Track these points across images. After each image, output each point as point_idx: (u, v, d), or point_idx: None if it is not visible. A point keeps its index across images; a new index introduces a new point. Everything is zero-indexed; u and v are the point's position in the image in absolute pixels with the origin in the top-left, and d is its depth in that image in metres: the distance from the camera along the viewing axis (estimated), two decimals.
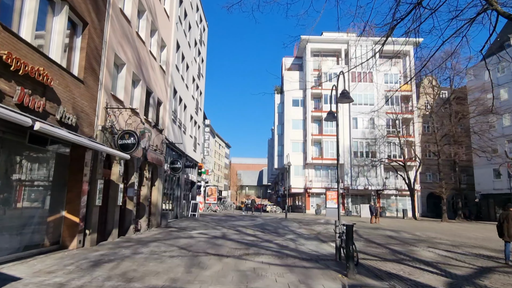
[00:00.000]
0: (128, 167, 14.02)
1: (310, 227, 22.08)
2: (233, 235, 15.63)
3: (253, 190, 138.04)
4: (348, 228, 8.31)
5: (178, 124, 21.85)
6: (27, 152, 8.52)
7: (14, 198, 8.20)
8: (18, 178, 8.30)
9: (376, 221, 29.11)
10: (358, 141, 48.93)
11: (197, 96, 29.29)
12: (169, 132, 19.34)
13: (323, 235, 17.14)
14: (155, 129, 16.78)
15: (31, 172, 8.92)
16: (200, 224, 20.65)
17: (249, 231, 17.48)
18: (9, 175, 7.92)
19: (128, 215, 13.79)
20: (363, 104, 49.69)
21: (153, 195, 17.37)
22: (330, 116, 11.79)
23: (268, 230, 18.73)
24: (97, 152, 10.74)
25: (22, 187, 8.46)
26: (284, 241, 13.98)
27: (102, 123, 11.05)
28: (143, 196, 15.67)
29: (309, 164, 49.91)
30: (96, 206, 10.69)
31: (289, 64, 58.37)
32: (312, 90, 50.83)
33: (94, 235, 10.65)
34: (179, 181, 23.60)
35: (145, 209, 15.67)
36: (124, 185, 13.77)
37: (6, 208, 7.86)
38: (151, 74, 16.15)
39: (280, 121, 57.67)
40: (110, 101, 11.58)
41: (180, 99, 22.69)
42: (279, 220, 28.24)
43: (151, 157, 15.48)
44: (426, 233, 20.52)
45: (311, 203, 50.11)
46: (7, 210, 7.92)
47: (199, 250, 10.80)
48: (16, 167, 8.32)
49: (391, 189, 48.01)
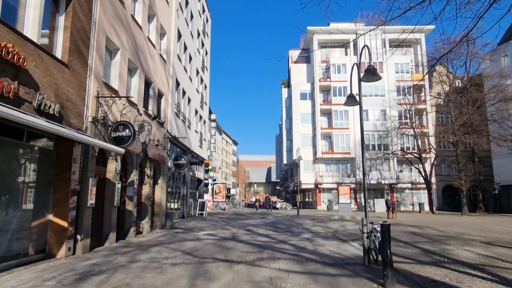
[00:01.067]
0: (127, 164, 12.76)
1: (325, 224, 20.69)
2: (243, 235, 14.32)
3: (262, 187, 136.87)
4: (384, 229, 6.90)
5: (182, 118, 20.58)
6: (3, 148, 7.26)
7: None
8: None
9: (394, 216, 27.65)
10: (370, 133, 47.20)
11: (202, 90, 28.00)
12: (172, 126, 18.07)
13: (341, 234, 15.75)
14: (156, 123, 15.51)
15: (10, 171, 7.66)
16: (208, 224, 19.38)
17: (260, 231, 16.16)
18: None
19: (127, 216, 12.54)
20: (373, 95, 48.02)
21: (156, 194, 16.13)
22: (351, 100, 10.39)
23: (281, 229, 17.39)
24: (88, 147, 9.48)
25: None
26: (301, 242, 12.64)
27: (92, 114, 9.77)
28: (144, 195, 14.42)
29: (319, 158, 48.40)
30: (88, 207, 9.43)
31: (296, 56, 56.79)
32: (320, 83, 49.30)
33: (86, 240, 9.39)
34: (184, 179, 22.35)
35: (147, 209, 14.42)
36: (123, 184, 12.51)
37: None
38: (150, 63, 14.86)
39: (288, 115, 56.19)
40: (102, 89, 10.30)
41: (184, 92, 21.40)
42: (291, 217, 26.89)
43: (153, 153, 14.21)
44: (451, 228, 19.01)
45: (322, 199, 48.65)
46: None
47: (206, 255, 9.49)
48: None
49: (405, 182, 46.35)
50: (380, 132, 46.38)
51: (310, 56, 54.64)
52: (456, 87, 39.84)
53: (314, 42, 50.69)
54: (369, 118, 47.60)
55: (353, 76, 10.40)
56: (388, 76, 48.26)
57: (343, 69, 49.51)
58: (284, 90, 57.63)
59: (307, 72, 53.37)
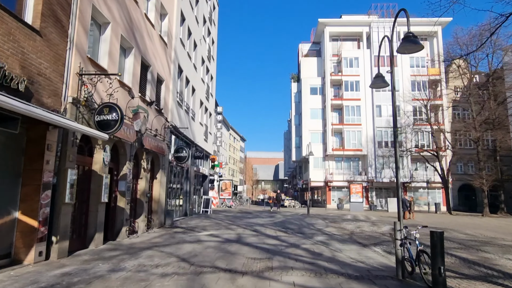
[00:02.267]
0: (119, 155, 11.29)
1: (338, 225, 19.08)
2: (250, 237, 12.79)
3: (269, 185, 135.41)
4: (436, 238, 5.29)
5: (185, 108, 19.08)
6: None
7: None
8: None
9: (411, 217, 25.90)
10: (383, 130, 45.42)
11: (208, 80, 26.49)
12: (173, 116, 16.59)
13: (358, 236, 14.14)
14: (155, 110, 14.02)
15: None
16: (211, 223, 17.90)
17: (269, 231, 14.61)
18: None
19: (119, 214, 11.08)
20: (387, 90, 45.93)
21: (154, 189, 14.66)
22: (379, 80, 8.73)
23: (291, 229, 15.83)
24: (67, 133, 8.01)
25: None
26: (315, 246, 11.07)
27: (73, 94, 8.29)
28: (140, 191, 12.96)
29: (329, 155, 46.66)
30: (66, 204, 7.97)
31: (306, 50, 54.97)
32: (331, 77, 47.48)
33: (63, 243, 7.93)
34: (188, 174, 20.89)
35: (143, 206, 12.96)
36: (114, 178, 11.05)
37: None
38: (148, 44, 13.36)
39: (297, 111, 54.45)
40: (86, 66, 8.81)
41: (187, 81, 19.90)
42: (301, 216, 25.30)
43: (149, 144, 12.73)
44: (478, 231, 17.27)
45: (332, 197, 46.94)
46: None
47: (205, 262, 7.97)
48: None
49: (419, 181, 44.40)
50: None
51: (321, 50, 52.81)
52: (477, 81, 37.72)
53: (326, 35, 48.83)
54: (382, 114, 45.73)
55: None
56: (402, 71, 46.25)
57: (355, 62, 47.60)
58: (294, 84, 55.86)
59: (317, 66, 51.56)
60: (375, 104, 45.74)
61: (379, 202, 45.92)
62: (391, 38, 8.32)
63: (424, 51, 47.80)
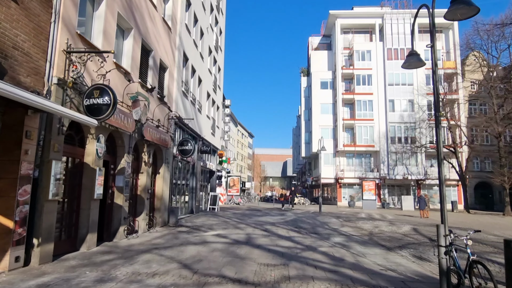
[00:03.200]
0: (116, 147, 10.20)
1: (354, 224, 17.84)
2: (261, 238, 11.64)
3: (277, 182, 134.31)
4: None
5: (191, 99, 17.96)
6: None
7: None
8: None
9: (426, 215, 24.61)
10: (396, 125, 43.86)
11: (215, 72, 25.33)
12: (178, 107, 15.47)
13: (379, 237, 12.91)
14: (157, 99, 12.91)
15: None
16: (219, 221, 16.80)
17: (280, 231, 13.45)
18: None
19: (116, 212, 10.00)
20: (400, 84, 44.50)
21: (157, 185, 13.58)
22: (414, 59, 7.40)
23: (305, 229, 14.64)
24: (52, 119, 6.91)
25: None
26: (333, 248, 9.88)
27: (60, 75, 7.19)
28: (141, 186, 11.87)
29: (340, 151, 45.28)
30: (50, 201, 6.89)
31: (316, 43, 53.49)
32: (343, 70, 46.01)
33: (47, 246, 6.85)
34: (194, 169, 19.80)
35: (144, 203, 11.87)
36: (111, 172, 9.97)
37: None
38: (150, 26, 12.22)
39: (307, 106, 53.08)
40: (75, 43, 7.70)
41: (193, 70, 18.76)
42: (313, 214, 24.08)
43: (151, 135, 11.62)
44: (507, 232, 15.93)
45: (343, 194, 45.59)
46: None
47: (210, 269, 6.84)
48: None
49: (433, 178, 42.79)
50: (407, 123, 42.99)
51: (331, 43, 51.31)
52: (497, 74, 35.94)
53: (337, 27, 47.30)
54: (395, 108, 44.15)
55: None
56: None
57: (367, 56, 46.03)
58: (303, 79, 54.45)
59: (328, 60, 50.08)
60: (388, 99, 44.18)
61: (391, 200, 44.50)
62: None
63: (439, 43, 46.12)
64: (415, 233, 14.60)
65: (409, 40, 44.93)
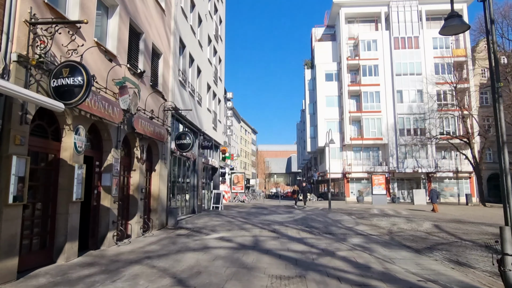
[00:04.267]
0: (102, 141, 8.89)
1: (369, 221, 16.49)
2: (269, 240, 10.31)
3: (282, 178, 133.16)
4: None
5: (189, 90, 16.60)
6: None
7: None
8: None
9: (436, 209, 23.49)
10: (404, 117, 42.32)
11: (216, 63, 23.95)
12: (175, 97, 14.13)
13: (400, 237, 11.54)
14: (150, 88, 11.57)
15: None
16: (222, 221, 15.49)
17: (290, 232, 12.12)
18: None
19: (103, 216, 8.70)
20: (408, 74, 42.90)
21: (153, 184, 12.27)
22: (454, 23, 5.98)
23: (317, 229, 13.30)
24: (10, 104, 5.59)
25: None
26: (354, 252, 8.54)
27: (21, 50, 5.86)
28: (134, 185, 10.56)
29: (347, 145, 43.86)
30: (11, 206, 5.58)
31: (320, 34, 51.91)
32: (348, 61, 44.47)
33: (9, 261, 5.54)
34: (195, 166, 18.48)
35: (138, 204, 10.56)
36: (96, 169, 8.66)
37: None
38: (139, 6, 10.87)
39: (311, 99, 51.60)
40: (42, 14, 6.36)
41: (192, 59, 17.41)
42: (322, 211, 22.73)
43: (143, 128, 10.29)
44: None
45: (351, 189, 44.22)
46: None
47: (211, 285, 5.52)
48: None
49: (444, 171, 41.30)
50: (416, 115, 41.41)
51: (335, 33, 49.74)
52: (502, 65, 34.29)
53: (341, 17, 45.69)
54: (404, 99, 42.62)
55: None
56: (425, 53, 43.00)
57: (373, 45, 44.46)
58: (307, 71, 52.92)
59: (332, 51, 48.55)
60: (396, 89, 42.63)
61: (401, 194, 43.05)
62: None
63: None
64: (438, 231, 13.22)
65: (417, 28, 43.33)
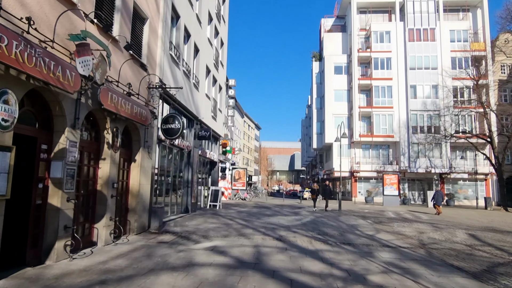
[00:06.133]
0: (53, 117, 6.54)
1: (390, 227, 14.10)
2: (275, 254, 7.97)
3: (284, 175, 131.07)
4: None
5: (183, 69, 14.21)
6: None
7: None
8: None
9: (438, 212, 22.03)
10: (418, 113, 39.80)
11: (217, 45, 21.53)
12: (165, 74, 11.77)
13: (438, 251, 9.16)
14: (130, 57, 9.21)
15: None
16: (219, 223, 13.16)
17: (301, 241, 9.76)
18: None
19: (51, 219, 6.37)
20: (423, 68, 40.31)
21: (131, 177, 9.92)
22: None
23: (332, 236, 10.94)
24: None
25: None
26: (392, 278, 6.18)
27: None
28: (102, 178, 8.21)
29: (356, 142, 41.40)
30: None
31: (329, 25, 49.35)
32: (359, 54, 41.91)
33: None
34: (190, 159, 16.13)
35: (107, 203, 8.21)
36: (40, 155, 6.34)
37: None
38: None
39: (319, 93, 49.10)
40: None
41: (188, 34, 15.03)
42: (332, 213, 20.37)
43: (116, 105, 7.93)
44: None
45: (359, 189, 41.80)
46: None
47: None
48: None
49: (459, 172, 38.78)
50: (430, 111, 38.87)
51: (346, 24, 47.18)
52: None
53: (353, 7, 43.11)
54: (417, 95, 40.08)
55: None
56: (441, 46, 40.39)
57: (386, 37, 41.91)
58: (315, 64, 50.35)
59: (342, 42, 45.97)
60: (409, 84, 40.09)
61: (411, 195, 40.60)
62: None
63: (466, 23, 41.81)
64: (480, 243, 10.82)
65: (434, 20, 40.71)
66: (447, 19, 41.81)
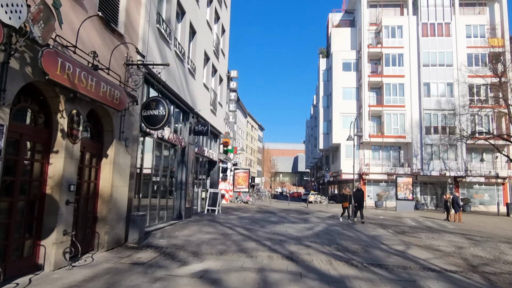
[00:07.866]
0: None
1: (417, 239, 11.88)
2: (286, 284, 5.77)
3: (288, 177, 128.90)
4: None
5: (175, 50, 12.02)
6: None
7: None
8: None
9: (450, 218, 20.86)
10: (432, 113, 37.45)
11: (218, 32, 19.35)
12: (150, 51, 9.62)
13: (497, 277, 6.94)
14: (100, 21, 7.06)
15: None
16: (215, 234, 10.97)
17: (318, 261, 7.55)
18: None
19: None
20: (437, 65, 38.01)
21: (102, 177, 7.76)
22: None
23: (354, 253, 8.73)
24: None
25: None
26: None
27: None
28: (54, 178, 6.05)
29: (365, 143, 39.10)
30: None
31: (337, 20, 47.15)
32: (369, 49, 39.64)
33: None
34: (183, 156, 13.96)
35: (59, 212, 6.04)
36: None
37: None
38: None
39: (326, 91, 46.84)
40: None
41: (182, 10, 12.87)
42: (345, 220, 18.15)
43: (71, 78, 5.77)
44: None
45: (368, 192, 39.33)
46: None
47: None
48: None
49: (475, 175, 36.40)
50: (445, 111, 36.57)
51: (355, 19, 44.97)
52: None
53: (362, 0, 40.84)
54: (431, 93, 37.72)
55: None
56: (457, 42, 38.10)
57: (398, 32, 39.61)
58: (322, 60, 48.09)
59: (351, 38, 43.73)
60: (423, 82, 37.76)
61: (424, 200, 38.24)
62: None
63: (483, 18, 39.48)
64: None
65: (449, 14, 38.41)
66: (462, 13, 39.55)
